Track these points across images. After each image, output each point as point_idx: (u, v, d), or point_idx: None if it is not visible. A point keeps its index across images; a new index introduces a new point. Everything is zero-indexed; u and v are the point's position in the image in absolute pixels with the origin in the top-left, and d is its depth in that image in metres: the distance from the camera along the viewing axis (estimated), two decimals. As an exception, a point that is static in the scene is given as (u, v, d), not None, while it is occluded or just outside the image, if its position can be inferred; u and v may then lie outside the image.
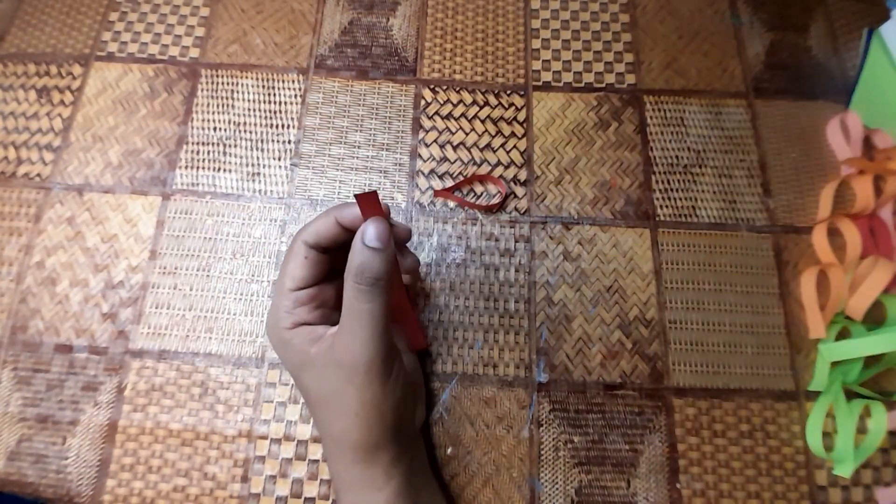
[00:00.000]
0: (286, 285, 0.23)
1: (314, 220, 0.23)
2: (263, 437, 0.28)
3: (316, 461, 0.28)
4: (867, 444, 0.27)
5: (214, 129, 0.34)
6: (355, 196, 0.20)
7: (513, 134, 0.34)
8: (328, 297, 0.24)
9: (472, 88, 0.35)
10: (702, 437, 0.28)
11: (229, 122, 0.34)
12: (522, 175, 0.33)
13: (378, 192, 0.23)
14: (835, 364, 0.29)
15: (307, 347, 0.22)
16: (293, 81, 0.35)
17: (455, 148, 0.33)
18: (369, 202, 0.21)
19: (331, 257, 0.24)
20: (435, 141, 0.33)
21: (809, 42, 0.36)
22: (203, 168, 0.33)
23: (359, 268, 0.20)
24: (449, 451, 0.28)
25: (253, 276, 0.31)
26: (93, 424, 0.28)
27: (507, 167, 0.33)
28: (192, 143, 0.33)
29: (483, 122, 0.34)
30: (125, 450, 0.28)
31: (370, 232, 0.20)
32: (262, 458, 0.28)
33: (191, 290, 0.30)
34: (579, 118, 0.34)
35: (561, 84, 0.35)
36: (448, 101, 0.34)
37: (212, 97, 0.34)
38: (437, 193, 0.32)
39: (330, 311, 0.24)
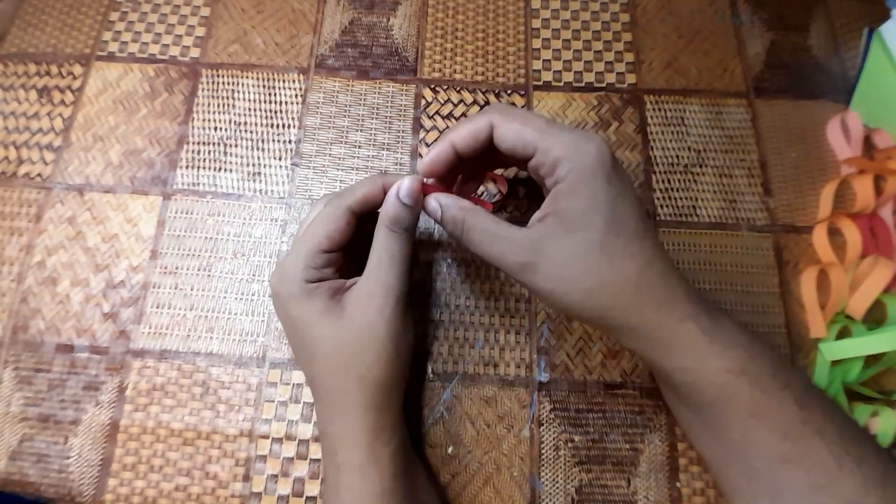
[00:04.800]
0: (322, 245, 0.24)
1: (359, 187, 0.24)
2: (265, 437, 0.28)
3: (317, 460, 0.28)
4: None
5: (215, 128, 0.34)
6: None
7: (513, 133, 0.33)
8: (341, 260, 0.25)
9: (472, 88, 0.35)
10: (702, 436, 0.28)
11: (230, 122, 0.34)
12: (524, 174, 0.33)
13: None
14: (835, 363, 0.29)
15: (332, 295, 0.23)
16: (294, 81, 0.35)
17: (456, 147, 0.33)
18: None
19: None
20: (436, 140, 0.33)
21: (809, 42, 0.36)
22: (204, 168, 0.33)
23: (394, 218, 0.23)
24: (450, 450, 0.28)
25: (254, 275, 0.31)
26: (94, 424, 0.28)
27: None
28: (193, 143, 0.33)
29: (483, 121, 0.34)
30: (127, 449, 0.28)
31: (405, 188, 0.23)
32: (263, 458, 0.28)
33: (192, 289, 0.31)
34: (580, 118, 0.34)
35: (561, 84, 0.35)
36: (448, 100, 0.34)
37: (212, 97, 0.34)
38: (437, 193, 0.32)
39: (341, 273, 0.25)
